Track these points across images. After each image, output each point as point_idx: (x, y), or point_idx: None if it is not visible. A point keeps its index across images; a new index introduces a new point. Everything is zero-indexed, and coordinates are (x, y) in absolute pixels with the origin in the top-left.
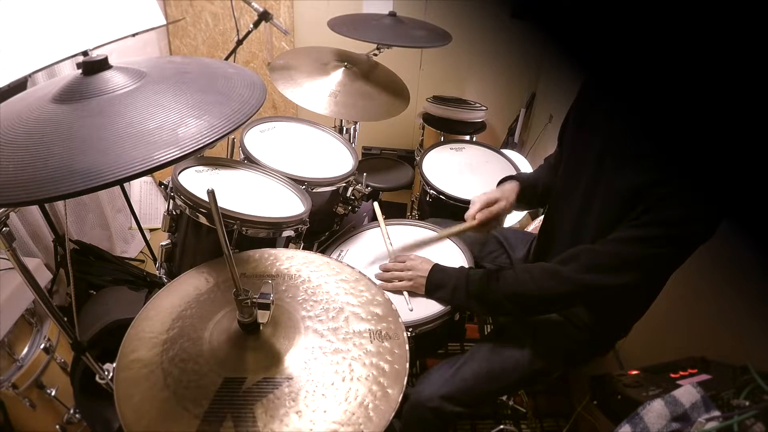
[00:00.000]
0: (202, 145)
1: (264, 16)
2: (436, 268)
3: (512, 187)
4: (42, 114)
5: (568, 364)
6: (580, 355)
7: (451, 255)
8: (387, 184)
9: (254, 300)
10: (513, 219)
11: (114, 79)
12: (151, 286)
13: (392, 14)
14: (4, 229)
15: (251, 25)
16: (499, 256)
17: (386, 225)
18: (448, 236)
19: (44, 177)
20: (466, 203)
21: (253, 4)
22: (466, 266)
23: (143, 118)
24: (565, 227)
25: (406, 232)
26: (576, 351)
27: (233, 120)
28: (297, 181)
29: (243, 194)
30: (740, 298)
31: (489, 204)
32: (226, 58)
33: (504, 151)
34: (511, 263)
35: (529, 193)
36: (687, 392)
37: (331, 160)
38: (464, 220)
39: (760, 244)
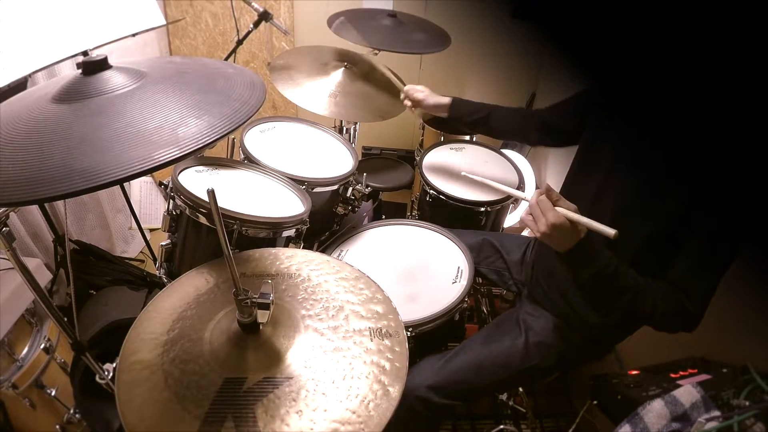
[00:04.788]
0: (201, 145)
1: (264, 16)
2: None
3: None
4: (42, 114)
5: (561, 366)
6: (575, 357)
7: (452, 255)
8: (387, 184)
9: (254, 300)
10: (513, 219)
11: (114, 79)
12: (151, 286)
13: (392, 15)
14: (4, 229)
15: (251, 25)
16: (495, 260)
17: (386, 225)
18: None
19: (44, 177)
20: (467, 203)
21: (253, 4)
22: (466, 267)
23: (143, 117)
24: None
25: (406, 232)
26: (570, 353)
27: (233, 120)
28: (297, 181)
29: (243, 194)
30: (740, 298)
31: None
32: (226, 58)
33: (504, 150)
34: (507, 267)
35: (463, 109)
36: (687, 392)
37: (331, 160)
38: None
39: (760, 244)
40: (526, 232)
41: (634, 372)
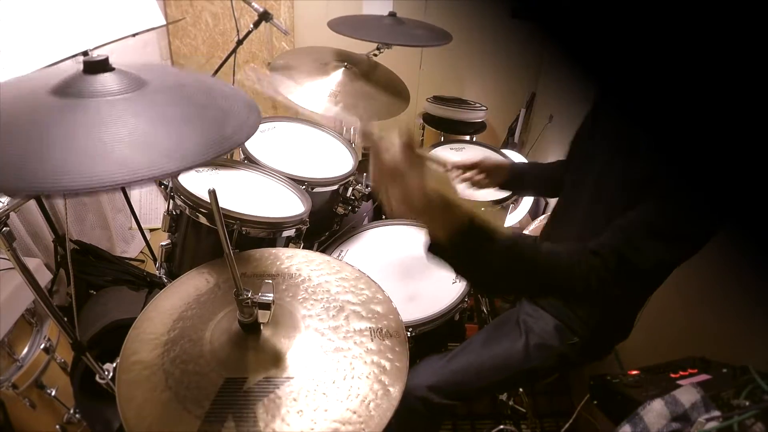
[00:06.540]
0: (196, 163)
1: (264, 16)
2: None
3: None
4: (40, 108)
5: (561, 367)
6: (575, 359)
7: None
8: None
9: (255, 300)
10: (513, 219)
11: (113, 83)
12: (151, 286)
13: (392, 14)
14: (4, 229)
15: (251, 25)
16: None
17: (386, 225)
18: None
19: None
20: None
21: (253, 4)
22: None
23: (144, 125)
24: (573, 225)
25: (406, 232)
26: (570, 355)
27: (232, 140)
28: (297, 181)
29: (243, 194)
30: (740, 298)
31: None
32: (226, 59)
33: (504, 151)
34: None
35: (517, 177)
36: (687, 392)
37: (331, 160)
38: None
39: (760, 244)
40: (530, 228)
41: (634, 372)
